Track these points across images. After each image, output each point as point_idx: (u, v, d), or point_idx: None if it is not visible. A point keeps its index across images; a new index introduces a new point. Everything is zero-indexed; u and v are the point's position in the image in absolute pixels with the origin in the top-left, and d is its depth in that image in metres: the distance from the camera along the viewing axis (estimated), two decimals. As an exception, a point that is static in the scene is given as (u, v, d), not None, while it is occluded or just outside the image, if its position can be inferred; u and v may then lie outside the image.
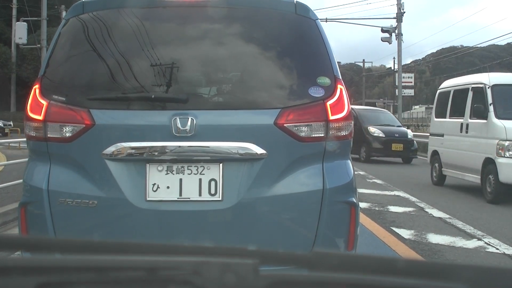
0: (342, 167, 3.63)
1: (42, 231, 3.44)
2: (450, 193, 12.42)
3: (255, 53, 3.68)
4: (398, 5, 37.50)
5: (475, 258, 6.59)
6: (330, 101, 3.47)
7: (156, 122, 3.42)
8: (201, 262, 0.88)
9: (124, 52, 3.54)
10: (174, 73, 3.52)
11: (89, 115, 3.41)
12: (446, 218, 8.95)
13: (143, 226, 3.40)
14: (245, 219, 3.43)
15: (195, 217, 3.43)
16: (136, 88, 3.51)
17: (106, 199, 3.38)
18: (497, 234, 7.79)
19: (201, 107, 3.47)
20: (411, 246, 7.01)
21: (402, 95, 40.03)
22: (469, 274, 0.90)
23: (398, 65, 40.81)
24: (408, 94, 51.56)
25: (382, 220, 8.69)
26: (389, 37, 36.57)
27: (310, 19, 3.71)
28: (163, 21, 3.72)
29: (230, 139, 3.39)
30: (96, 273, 0.90)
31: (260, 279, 0.86)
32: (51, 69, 3.61)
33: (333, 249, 3.55)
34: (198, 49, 3.68)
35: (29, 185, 3.54)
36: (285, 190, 3.41)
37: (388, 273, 0.91)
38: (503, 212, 10.02)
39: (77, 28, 3.66)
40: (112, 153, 3.36)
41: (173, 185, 3.39)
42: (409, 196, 11.55)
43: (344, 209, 3.51)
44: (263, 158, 3.38)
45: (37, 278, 0.88)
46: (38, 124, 3.47)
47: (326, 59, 3.59)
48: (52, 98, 3.48)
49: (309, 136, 3.44)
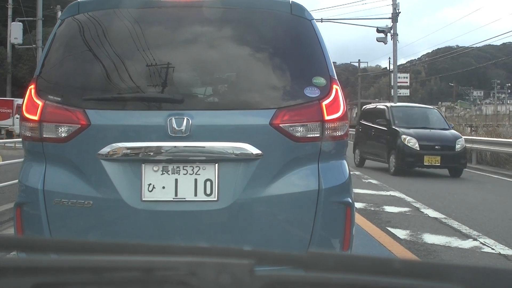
0: (338, 168, 3.63)
1: (37, 231, 3.43)
2: (446, 194, 12.43)
3: (251, 53, 3.68)
4: (394, 5, 37.52)
5: (470, 258, 6.60)
6: (326, 101, 3.47)
7: (151, 122, 3.41)
8: (197, 262, 0.88)
9: (120, 53, 3.53)
10: (170, 74, 3.52)
11: (85, 115, 3.41)
12: (442, 218, 8.97)
13: (139, 227, 3.40)
14: (240, 220, 3.43)
15: (190, 217, 3.43)
16: (132, 88, 3.51)
17: (102, 199, 3.38)
18: (493, 234, 7.80)
19: (196, 108, 3.47)
20: (406, 246, 7.02)
21: (397, 95, 40.05)
22: (464, 274, 0.90)
23: (393, 65, 40.84)
24: (404, 94, 51.58)
25: (378, 220, 8.70)
26: (385, 37, 36.59)
27: (306, 19, 3.72)
28: (158, 21, 3.72)
29: (226, 140, 3.39)
30: (91, 274, 0.90)
31: (256, 280, 0.86)
32: (46, 69, 3.61)
33: (329, 250, 3.55)
34: (194, 49, 3.68)
35: (24, 185, 3.54)
36: (280, 190, 3.41)
37: (383, 274, 0.91)
38: (498, 212, 10.04)
39: (73, 28, 3.65)
40: (107, 153, 3.36)
41: (168, 185, 3.39)
42: (405, 196, 11.56)
43: (340, 209, 3.52)
44: (259, 159, 3.38)
45: (33, 279, 0.88)
46: (34, 124, 3.46)
47: (322, 59, 3.59)
48: (48, 98, 3.47)
49: (304, 136, 3.44)
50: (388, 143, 17.27)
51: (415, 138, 16.44)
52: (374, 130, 18.58)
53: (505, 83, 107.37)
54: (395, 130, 17.06)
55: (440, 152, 16.29)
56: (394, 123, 17.47)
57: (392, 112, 17.97)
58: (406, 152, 16.38)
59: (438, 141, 16.60)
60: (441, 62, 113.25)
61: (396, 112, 18.16)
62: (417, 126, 17.33)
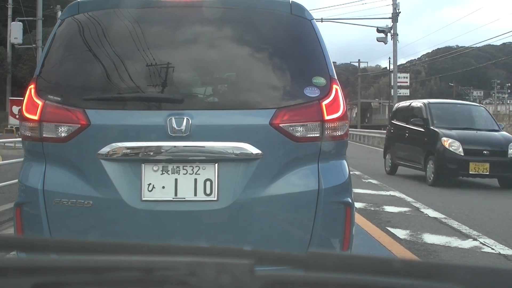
0: (338, 167, 3.63)
1: (37, 231, 3.43)
2: (446, 194, 12.43)
3: (251, 53, 3.68)
4: (394, 5, 37.53)
5: (470, 258, 6.60)
6: (326, 101, 3.47)
7: (151, 122, 3.42)
8: (197, 262, 0.88)
9: (120, 52, 3.53)
10: (170, 73, 3.52)
11: (85, 115, 3.41)
12: (442, 218, 8.97)
13: (139, 226, 3.40)
14: (240, 219, 3.43)
15: (190, 217, 3.43)
16: (132, 88, 3.51)
17: (102, 199, 3.38)
18: (493, 234, 7.80)
19: (196, 107, 3.47)
20: (406, 246, 7.02)
21: (397, 95, 40.07)
22: (464, 274, 0.90)
23: (393, 65, 40.87)
24: (404, 94, 51.65)
25: (378, 220, 8.70)
26: (385, 37, 36.61)
27: (306, 19, 3.71)
28: (158, 21, 3.72)
29: (226, 139, 3.39)
30: (91, 274, 0.90)
31: (256, 280, 0.86)
32: (46, 69, 3.61)
33: (329, 249, 3.55)
34: (194, 49, 3.68)
35: (24, 185, 3.54)
36: (280, 190, 3.41)
37: (383, 274, 0.91)
38: (498, 212, 10.04)
39: (73, 28, 3.65)
40: (107, 153, 3.36)
41: (168, 185, 3.39)
42: (405, 196, 11.56)
43: (340, 209, 3.52)
44: (259, 158, 3.38)
45: (33, 279, 0.88)
46: (34, 124, 3.46)
47: (322, 59, 3.59)
48: (48, 98, 3.47)
49: (304, 136, 3.44)
50: (426, 147, 14.40)
51: (459, 141, 13.60)
52: (409, 131, 15.67)
53: (505, 83, 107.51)
54: (434, 131, 14.18)
55: (489, 158, 13.39)
56: (432, 123, 14.52)
57: (430, 110, 14.94)
58: (448, 157, 13.48)
59: (486, 145, 13.70)
60: (441, 62, 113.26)
61: (435, 109, 15.16)
62: (461, 126, 14.41)
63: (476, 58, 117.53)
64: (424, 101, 16.00)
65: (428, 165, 14.04)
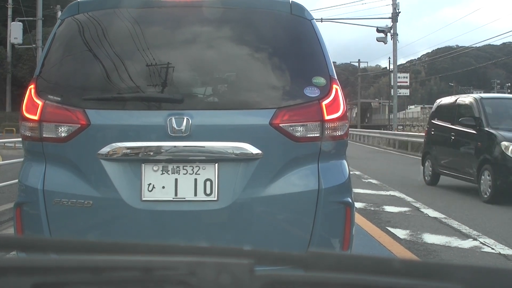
0: (338, 167, 3.63)
1: (37, 231, 3.43)
2: (446, 193, 12.42)
3: (251, 53, 3.68)
4: (394, 5, 37.56)
5: (470, 258, 6.60)
6: (326, 101, 3.47)
7: (151, 122, 3.42)
8: (197, 262, 0.88)
9: (120, 52, 3.53)
10: (170, 73, 3.52)
11: (85, 115, 3.41)
12: (442, 218, 8.96)
13: (139, 226, 3.40)
14: (240, 219, 3.43)
15: (190, 217, 3.43)
16: (132, 88, 3.51)
17: (102, 199, 3.38)
18: (493, 234, 7.80)
19: (196, 107, 3.47)
20: (406, 246, 7.02)
21: (397, 95, 40.11)
22: (464, 274, 0.90)
23: (393, 65, 40.89)
24: (404, 94, 51.74)
25: (378, 220, 8.70)
26: (385, 37, 36.66)
27: (306, 19, 3.71)
28: (158, 21, 3.72)
29: (226, 139, 3.39)
30: (91, 273, 0.90)
31: (256, 279, 0.86)
32: (46, 69, 3.61)
33: (329, 249, 3.55)
34: (194, 49, 3.68)
35: (24, 185, 3.54)
36: (280, 190, 3.41)
37: (383, 273, 0.91)
38: (498, 212, 10.03)
39: (73, 28, 3.65)
40: (107, 153, 3.36)
41: (168, 185, 3.39)
42: (405, 196, 11.55)
43: (340, 209, 3.52)
44: (259, 158, 3.38)
45: (33, 278, 0.88)
46: (34, 124, 3.46)
47: (322, 59, 3.59)
48: (48, 98, 3.47)
49: (304, 136, 3.44)
50: (479, 153, 11.40)
51: None
52: (455, 133, 12.63)
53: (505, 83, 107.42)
54: (490, 133, 11.16)
55: None
56: (487, 123, 11.44)
57: (484, 107, 11.79)
58: (510, 166, 10.55)
59: None
60: (441, 62, 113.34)
61: (490, 106, 11.99)
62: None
63: (476, 58, 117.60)
64: (475, 96, 12.79)
65: (482, 176, 11.06)
